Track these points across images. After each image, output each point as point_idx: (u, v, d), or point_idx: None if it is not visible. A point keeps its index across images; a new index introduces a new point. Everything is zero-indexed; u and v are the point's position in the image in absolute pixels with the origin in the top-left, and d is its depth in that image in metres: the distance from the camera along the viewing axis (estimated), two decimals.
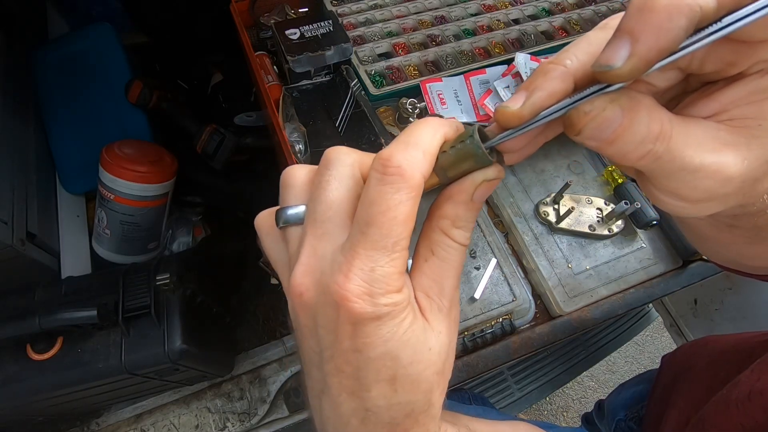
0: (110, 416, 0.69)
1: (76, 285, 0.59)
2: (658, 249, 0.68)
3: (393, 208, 0.19)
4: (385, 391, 0.21)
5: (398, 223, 0.19)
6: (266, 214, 0.25)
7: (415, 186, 0.20)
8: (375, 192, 0.20)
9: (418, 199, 0.20)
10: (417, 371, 0.21)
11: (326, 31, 0.62)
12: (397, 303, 0.20)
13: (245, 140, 0.81)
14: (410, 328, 0.20)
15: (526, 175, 0.73)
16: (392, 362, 0.20)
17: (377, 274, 0.19)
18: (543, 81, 0.20)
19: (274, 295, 0.82)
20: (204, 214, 0.88)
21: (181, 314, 0.56)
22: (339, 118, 0.61)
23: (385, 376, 0.21)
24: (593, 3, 0.75)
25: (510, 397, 1.25)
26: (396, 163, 0.20)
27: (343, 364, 0.21)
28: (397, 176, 0.19)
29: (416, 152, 0.20)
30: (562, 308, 0.63)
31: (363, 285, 0.19)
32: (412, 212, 0.20)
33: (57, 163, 0.80)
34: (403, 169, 0.19)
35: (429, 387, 0.22)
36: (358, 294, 0.19)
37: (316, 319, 0.21)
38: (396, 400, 0.21)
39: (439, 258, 0.22)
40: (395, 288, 0.20)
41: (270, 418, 0.70)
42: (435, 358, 0.21)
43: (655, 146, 0.18)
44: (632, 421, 0.75)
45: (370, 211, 0.19)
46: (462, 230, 0.22)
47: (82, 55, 0.82)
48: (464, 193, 0.21)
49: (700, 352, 0.58)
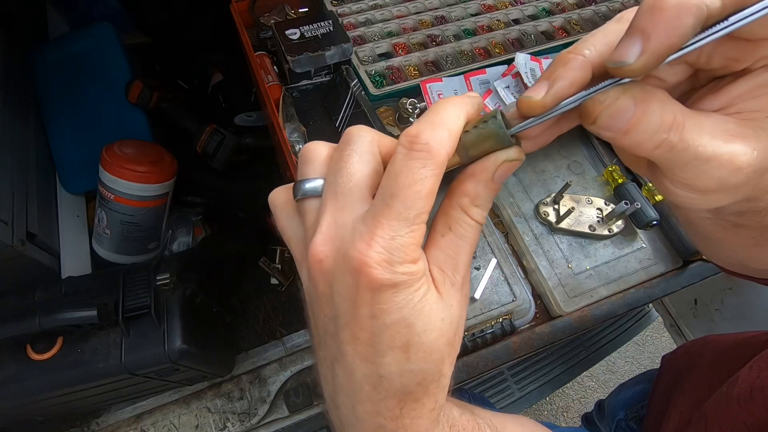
0: (110, 416, 0.69)
1: (76, 285, 0.59)
2: (658, 249, 0.68)
3: (418, 182, 0.20)
4: (399, 357, 0.21)
5: (422, 197, 0.20)
6: (281, 189, 0.26)
7: (440, 163, 0.21)
8: (402, 165, 0.20)
9: (441, 177, 0.21)
10: (430, 339, 0.21)
11: (326, 31, 0.62)
12: (414, 272, 0.21)
13: (245, 140, 0.81)
14: (425, 297, 0.21)
15: (526, 175, 0.73)
16: (407, 329, 0.21)
17: (397, 243, 0.20)
18: (564, 71, 0.21)
19: (274, 295, 0.82)
20: (204, 214, 0.88)
21: (181, 314, 0.56)
22: (339, 118, 0.61)
23: (399, 342, 0.21)
24: (593, 3, 0.75)
25: (510, 397, 1.24)
26: (424, 140, 0.20)
27: (358, 330, 0.21)
28: (424, 152, 0.20)
29: (442, 131, 0.21)
30: (562, 308, 0.64)
31: (383, 252, 0.20)
32: (435, 188, 0.21)
33: (57, 163, 0.80)
34: (431, 146, 0.20)
35: (440, 356, 0.22)
36: (378, 261, 0.20)
37: (333, 287, 0.22)
38: (408, 367, 0.22)
39: (456, 234, 0.23)
40: (412, 258, 0.21)
41: (270, 418, 0.70)
42: (447, 328, 0.22)
43: (669, 136, 0.19)
44: (632, 421, 0.75)
45: (396, 184, 0.20)
46: (480, 209, 0.23)
47: (82, 55, 0.82)
48: (486, 172, 0.22)
49: (700, 351, 0.58)
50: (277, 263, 0.84)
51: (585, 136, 0.77)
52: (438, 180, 0.21)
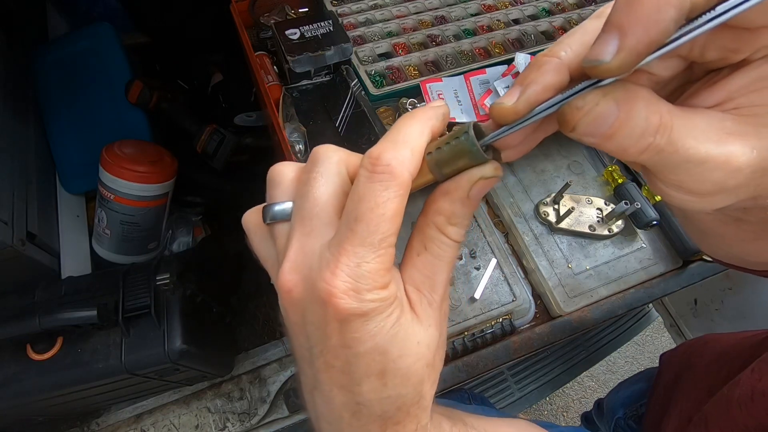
0: (110, 416, 0.69)
1: (76, 285, 0.59)
2: (658, 249, 0.68)
3: (381, 205, 0.19)
4: (376, 385, 0.21)
5: (386, 220, 0.19)
6: (253, 211, 0.25)
7: (403, 183, 0.20)
8: (364, 189, 0.20)
9: (406, 197, 0.20)
10: (406, 364, 0.21)
11: (326, 31, 0.62)
12: (384, 299, 0.20)
13: (245, 140, 0.81)
14: (397, 322, 0.20)
15: (526, 175, 0.73)
16: (381, 356, 0.20)
17: (363, 270, 0.19)
18: (537, 74, 0.19)
19: (274, 295, 0.82)
20: (204, 214, 0.88)
21: (181, 314, 0.56)
22: (339, 118, 0.61)
23: (374, 370, 0.21)
24: (593, 3, 0.75)
25: (510, 397, 1.25)
26: (385, 161, 0.20)
27: (332, 359, 0.21)
28: (386, 174, 0.20)
29: (404, 150, 0.20)
30: (562, 308, 0.64)
31: (349, 281, 0.19)
32: (400, 209, 0.20)
33: (57, 163, 0.80)
34: (392, 167, 0.20)
35: (419, 379, 0.22)
36: (344, 290, 0.19)
37: (305, 316, 0.21)
38: (386, 393, 0.21)
39: (432, 254, 0.22)
40: (381, 284, 0.20)
41: (270, 418, 0.70)
42: (424, 350, 0.21)
43: (655, 139, 0.17)
44: (631, 420, 0.75)
45: (358, 208, 0.20)
46: (457, 227, 0.22)
47: (82, 55, 0.82)
48: (460, 190, 0.21)
49: (700, 351, 0.58)
50: None
51: None
52: (402, 201, 0.20)
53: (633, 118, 0.17)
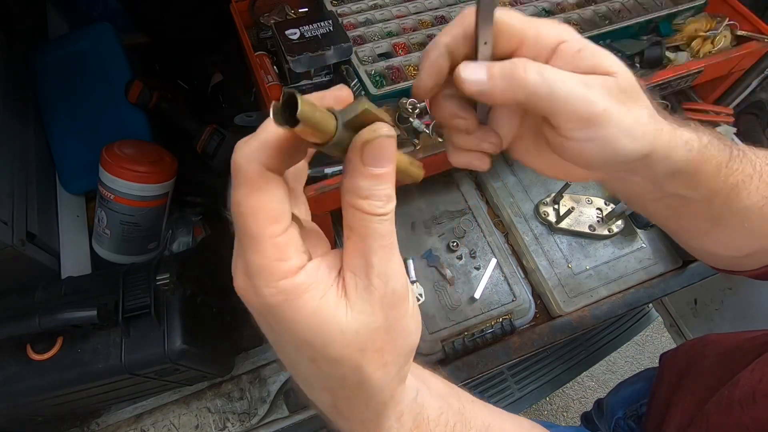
0: (110, 416, 0.69)
1: (76, 285, 0.59)
2: (658, 249, 0.68)
3: (239, 206, 0.20)
4: (310, 368, 0.22)
5: (248, 217, 0.20)
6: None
7: (250, 177, 0.20)
8: (232, 194, 0.20)
9: (266, 190, 0.20)
10: (333, 352, 0.21)
11: (326, 31, 0.62)
12: (286, 290, 0.20)
13: None
14: (315, 312, 0.20)
15: (526, 175, 0.73)
16: (306, 346, 0.21)
17: (252, 270, 0.20)
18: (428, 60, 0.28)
19: None
20: (204, 214, 0.88)
21: (181, 314, 0.56)
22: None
23: (304, 356, 0.22)
24: (593, 3, 0.75)
25: (510, 397, 1.24)
26: (233, 160, 0.20)
27: (273, 342, 0.23)
28: (234, 173, 0.20)
29: (253, 143, 0.20)
30: (562, 308, 0.64)
31: (245, 281, 0.21)
32: (260, 204, 0.20)
33: (57, 163, 0.80)
34: (237, 162, 0.20)
35: (353, 364, 0.21)
36: (245, 289, 0.21)
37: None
38: (323, 374, 0.22)
39: (357, 234, 0.21)
40: (279, 276, 0.20)
41: (270, 418, 0.70)
42: (351, 337, 0.21)
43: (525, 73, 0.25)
44: (631, 420, 0.75)
45: (233, 214, 0.21)
46: (371, 200, 0.21)
47: (82, 55, 0.82)
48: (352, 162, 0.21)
49: (702, 351, 0.58)
50: None
51: None
52: (260, 195, 0.20)
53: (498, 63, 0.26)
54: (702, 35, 0.65)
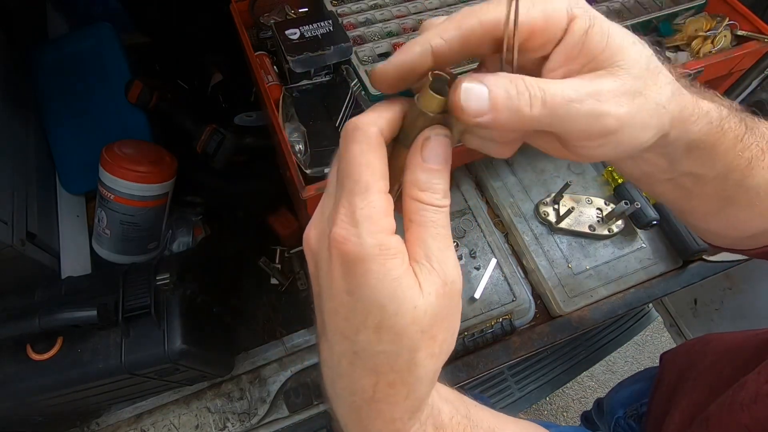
0: (110, 416, 0.69)
1: (76, 285, 0.59)
2: (658, 249, 0.68)
3: (356, 157, 0.22)
4: (371, 336, 0.22)
5: (363, 168, 0.22)
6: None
7: (369, 135, 0.22)
8: (342, 150, 0.23)
9: (379, 150, 0.23)
10: (400, 324, 0.22)
11: (326, 31, 0.62)
12: (384, 243, 0.21)
13: (245, 140, 0.81)
14: (397, 279, 0.21)
15: (526, 175, 0.73)
16: (378, 310, 0.21)
17: (358, 216, 0.21)
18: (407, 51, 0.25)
19: (274, 295, 0.82)
20: (204, 214, 0.88)
21: (181, 314, 0.56)
22: (339, 118, 0.61)
23: (371, 322, 0.22)
24: (593, 3, 0.75)
25: (510, 397, 1.25)
26: (353, 122, 0.23)
27: (338, 305, 0.23)
28: (354, 131, 0.23)
29: (371, 113, 0.24)
30: (562, 308, 0.64)
31: (347, 227, 0.21)
32: (375, 159, 0.22)
33: (57, 163, 0.80)
34: (358, 124, 0.23)
35: (412, 344, 0.22)
36: (345, 236, 0.21)
37: (318, 264, 0.24)
38: (380, 348, 0.22)
39: (417, 223, 0.23)
40: (380, 228, 0.21)
41: (270, 418, 0.70)
42: (420, 315, 0.22)
43: (536, 93, 0.22)
44: (631, 419, 0.75)
45: (341, 166, 0.23)
46: (429, 192, 0.23)
47: (82, 55, 0.82)
48: (414, 156, 0.23)
49: (702, 350, 0.58)
50: (277, 263, 0.84)
51: None
52: (375, 152, 0.22)
53: (501, 85, 0.22)
54: (702, 35, 0.65)
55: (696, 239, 0.64)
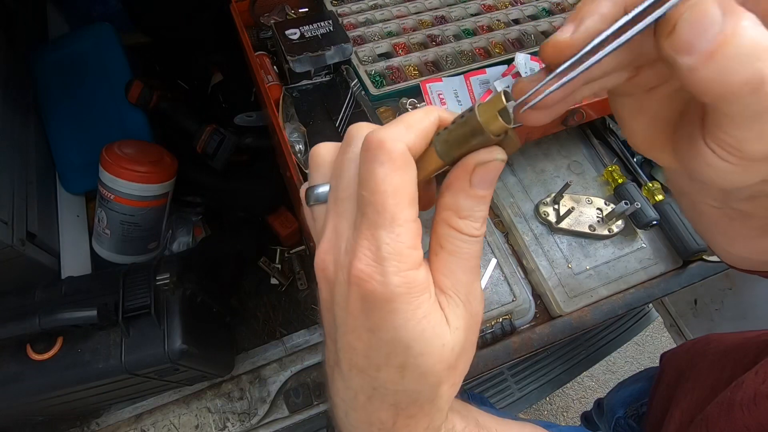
0: (110, 416, 0.69)
1: (76, 285, 0.59)
2: (658, 249, 0.68)
3: (381, 183, 0.19)
4: (393, 376, 0.21)
5: (389, 197, 0.19)
6: (302, 191, 0.26)
7: (397, 157, 0.19)
8: (363, 170, 0.19)
9: (408, 172, 0.19)
10: (427, 364, 0.20)
11: (326, 31, 0.62)
12: (411, 281, 0.19)
13: (245, 140, 0.81)
14: (425, 318, 0.19)
15: (526, 175, 0.73)
16: (403, 350, 0.20)
17: (384, 253, 0.19)
18: (592, 6, 0.17)
19: (274, 295, 0.82)
20: (204, 214, 0.88)
21: (181, 314, 0.56)
22: (339, 118, 0.61)
23: (394, 362, 0.20)
24: None
25: (510, 397, 1.25)
26: (377, 138, 0.19)
27: (355, 340, 0.21)
28: (377, 150, 0.19)
29: (398, 126, 0.20)
30: (562, 308, 0.64)
31: (372, 264, 0.19)
32: (403, 185, 0.19)
33: (57, 163, 0.80)
34: (383, 141, 0.19)
35: (437, 380, 0.21)
36: (369, 273, 0.19)
37: (334, 295, 0.21)
38: (402, 387, 0.21)
39: (448, 252, 0.21)
40: (409, 265, 0.19)
41: (270, 418, 0.70)
42: (448, 354, 0.20)
43: (765, 64, 0.13)
44: (631, 419, 0.75)
45: (362, 191, 0.19)
46: (469, 220, 0.20)
47: (82, 55, 0.82)
48: (460, 180, 0.20)
49: (703, 350, 0.58)
50: (277, 263, 0.84)
51: (585, 135, 0.78)
52: (403, 176, 0.19)
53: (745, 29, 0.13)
54: None
55: (696, 239, 0.64)
